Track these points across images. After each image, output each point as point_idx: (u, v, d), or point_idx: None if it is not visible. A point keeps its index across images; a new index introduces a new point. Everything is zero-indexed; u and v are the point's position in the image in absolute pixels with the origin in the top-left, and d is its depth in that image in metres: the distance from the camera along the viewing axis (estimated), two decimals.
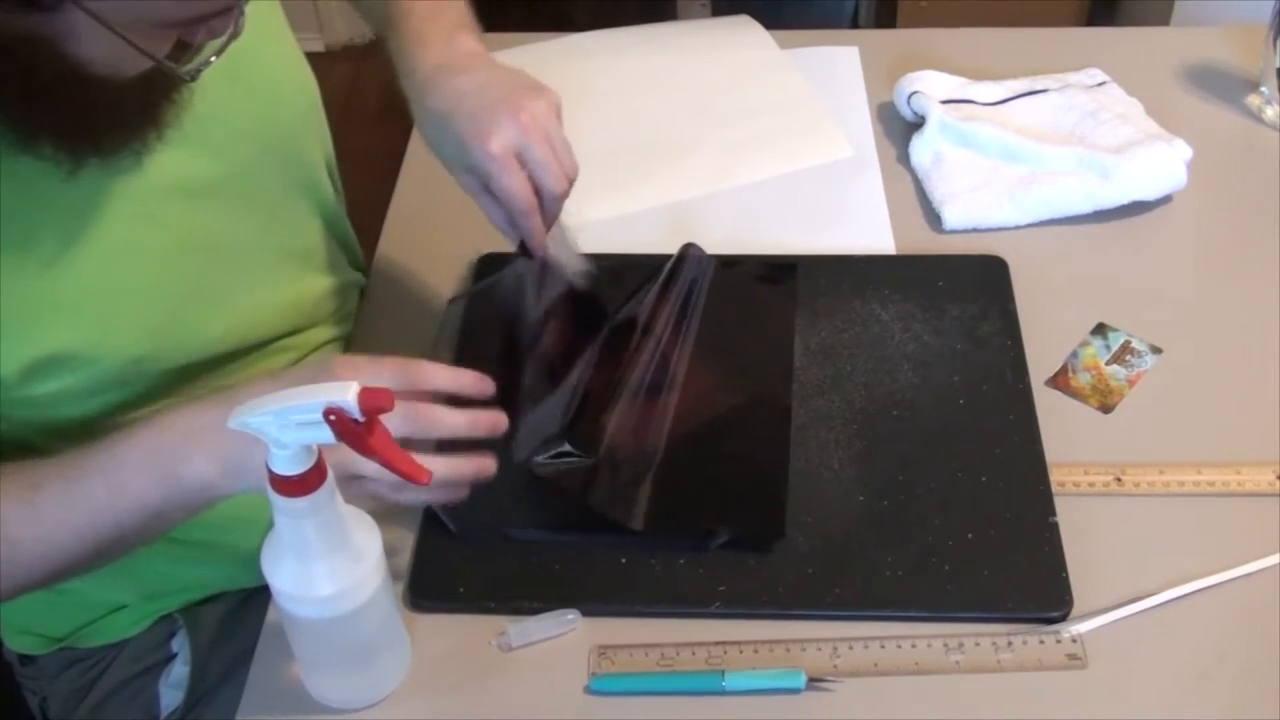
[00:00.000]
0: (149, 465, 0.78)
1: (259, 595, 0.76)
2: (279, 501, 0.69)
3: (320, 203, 1.01)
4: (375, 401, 0.65)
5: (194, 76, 0.74)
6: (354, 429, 0.66)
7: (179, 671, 1.00)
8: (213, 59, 0.74)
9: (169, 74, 0.73)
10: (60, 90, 0.70)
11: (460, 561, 0.86)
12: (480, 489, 0.83)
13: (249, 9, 0.73)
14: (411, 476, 0.70)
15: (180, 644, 1.00)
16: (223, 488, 0.78)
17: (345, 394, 0.65)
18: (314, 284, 1.01)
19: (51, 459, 0.79)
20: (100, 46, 0.68)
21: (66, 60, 0.69)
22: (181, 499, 0.79)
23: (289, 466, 0.67)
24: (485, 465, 0.82)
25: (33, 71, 0.69)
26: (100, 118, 0.74)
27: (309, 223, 1.00)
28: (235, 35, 0.73)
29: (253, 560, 0.74)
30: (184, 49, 0.73)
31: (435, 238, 1.12)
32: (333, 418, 0.65)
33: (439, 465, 0.79)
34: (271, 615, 0.84)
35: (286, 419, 0.66)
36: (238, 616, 1.00)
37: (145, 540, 0.82)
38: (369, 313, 1.07)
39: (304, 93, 0.98)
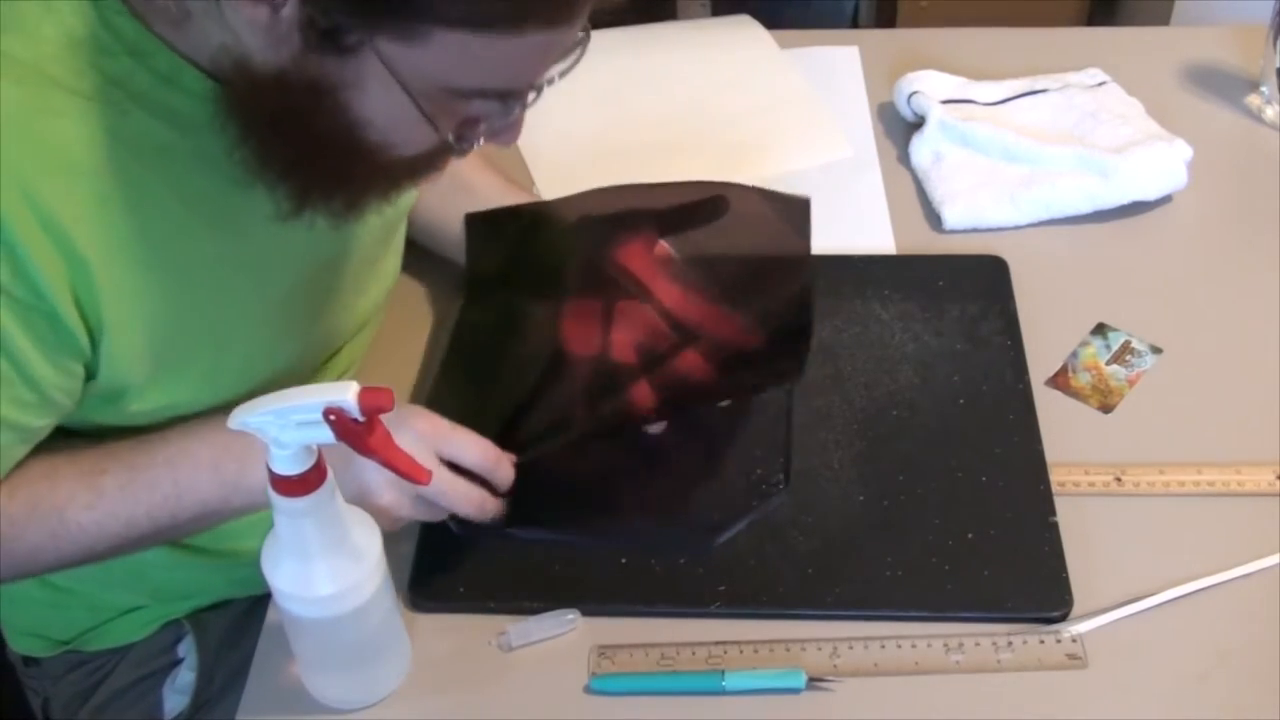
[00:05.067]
0: (216, 464, 0.79)
1: (266, 602, 0.76)
2: (279, 501, 0.69)
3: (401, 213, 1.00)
4: (375, 401, 0.65)
5: (464, 151, 0.73)
6: (354, 428, 0.66)
7: (184, 677, 1.00)
8: (480, 141, 0.72)
9: (439, 150, 0.72)
10: (326, 144, 0.69)
11: (460, 561, 0.86)
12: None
13: None
14: (411, 476, 0.71)
15: (187, 649, 1.00)
16: None
17: (345, 393, 0.65)
18: (380, 290, 0.99)
19: (120, 443, 0.80)
20: (383, 106, 0.67)
21: (346, 115, 0.68)
22: (242, 501, 0.80)
23: (289, 466, 0.67)
24: (489, 506, 0.83)
25: (307, 116, 0.67)
26: (355, 177, 0.73)
27: (399, 229, 0.99)
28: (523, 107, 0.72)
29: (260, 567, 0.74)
30: (466, 128, 0.71)
31: None
32: (332, 417, 0.65)
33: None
34: (272, 615, 0.84)
35: (286, 418, 0.66)
36: (245, 623, 0.99)
37: (193, 533, 0.83)
38: None
39: None
